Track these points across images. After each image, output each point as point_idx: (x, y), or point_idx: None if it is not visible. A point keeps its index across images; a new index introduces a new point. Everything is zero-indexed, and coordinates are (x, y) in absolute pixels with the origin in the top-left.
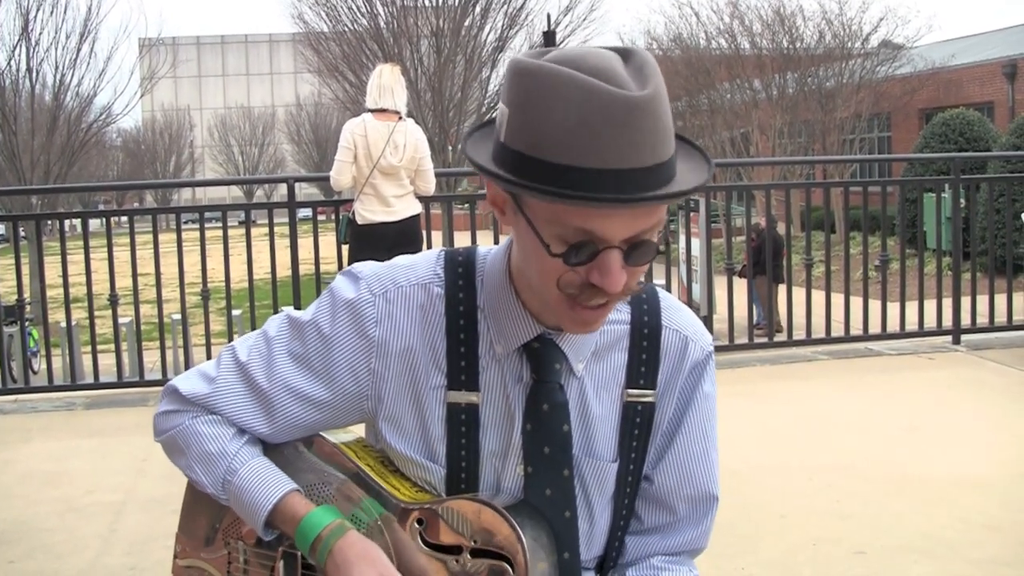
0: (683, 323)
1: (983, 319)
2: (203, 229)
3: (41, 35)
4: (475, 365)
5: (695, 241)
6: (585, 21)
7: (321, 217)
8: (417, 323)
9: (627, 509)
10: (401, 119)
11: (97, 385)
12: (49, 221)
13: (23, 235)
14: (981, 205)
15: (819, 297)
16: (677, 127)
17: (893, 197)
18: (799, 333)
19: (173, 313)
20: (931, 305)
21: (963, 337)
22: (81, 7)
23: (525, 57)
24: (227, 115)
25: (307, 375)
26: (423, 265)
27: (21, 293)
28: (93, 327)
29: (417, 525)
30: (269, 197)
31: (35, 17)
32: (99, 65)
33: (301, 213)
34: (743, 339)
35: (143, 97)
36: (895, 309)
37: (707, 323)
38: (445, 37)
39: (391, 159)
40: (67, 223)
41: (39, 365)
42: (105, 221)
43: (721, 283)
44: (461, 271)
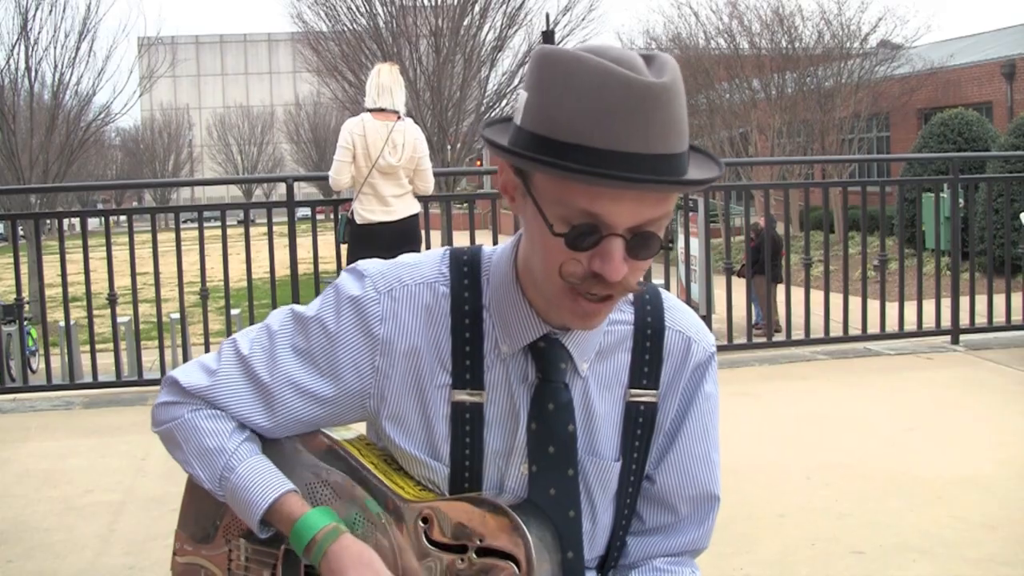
0: (686, 324)
1: (982, 319)
2: (202, 228)
3: (40, 34)
4: (480, 364)
5: (694, 241)
6: (584, 21)
7: (320, 216)
8: (422, 322)
9: (629, 509)
10: (400, 119)
11: (96, 384)
12: (48, 220)
13: (22, 234)
14: (980, 205)
15: (818, 297)
16: None
17: (892, 197)
18: (798, 333)
19: (172, 312)
20: (930, 305)
21: (962, 337)
22: (80, 6)
23: (549, 45)
24: (226, 114)
25: (310, 370)
26: (428, 264)
27: (20, 292)
28: (92, 326)
29: (422, 524)
30: (268, 196)
31: (34, 16)
32: (98, 64)
33: (300, 212)
34: (742, 339)
35: (142, 96)
36: (894, 309)
37: (706, 323)
38: (444, 37)
39: (390, 159)
40: (66, 222)
41: (38, 364)
42: (104, 220)
43: (720, 283)
44: (466, 270)
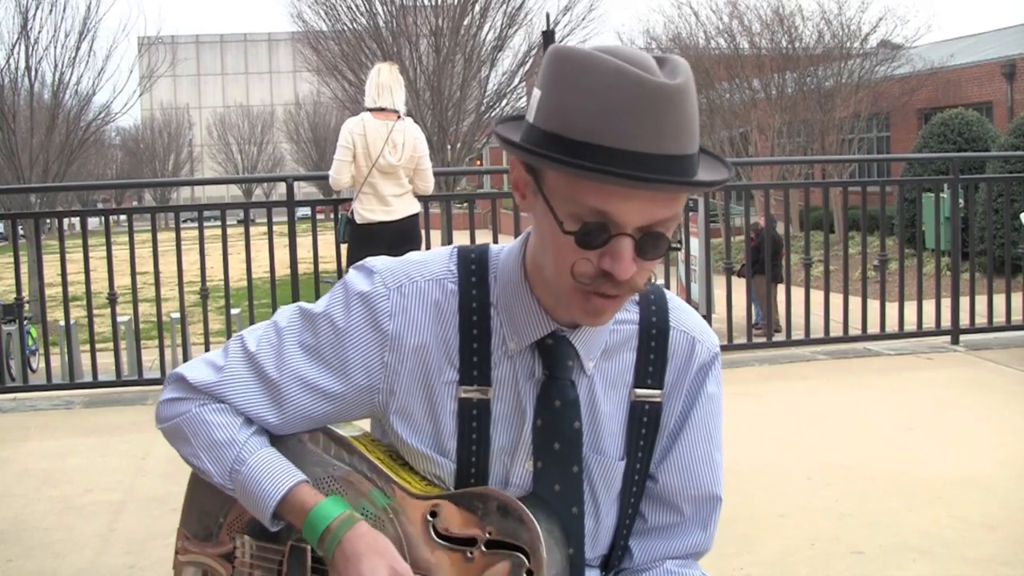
0: (690, 324)
1: (982, 319)
2: (202, 228)
3: (40, 33)
4: (487, 361)
5: (694, 240)
6: (584, 20)
7: (320, 216)
8: (431, 318)
9: (632, 508)
10: (400, 118)
11: (96, 384)
12: (48, 220)
13: (22, 234)
14: (980, 205)
15: (818, 297)
16: None
17: (892, 197)
18: (798, 333)
19: (172, 312)
20: (930, 305)
21: (962, 337)
22: (80, 6)
23: (563, 44)
24: (226, 114)
25: (318, 366)
26: (436, 261)
27: (20, 292)
28: (92, 326)
29: (430, 517)
30: (268, 196)
31: (34, 15)
32: (98, 64)
33: (300, 212)
34: (742, 339)
35: (142, 96)
36: (894, 309)
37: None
38: (444, 36)
39: (390, 158)
40: (66, 222)
41: (38, 363)
42: (104, 220)
43: (720, 283)
44: (474, 268)
